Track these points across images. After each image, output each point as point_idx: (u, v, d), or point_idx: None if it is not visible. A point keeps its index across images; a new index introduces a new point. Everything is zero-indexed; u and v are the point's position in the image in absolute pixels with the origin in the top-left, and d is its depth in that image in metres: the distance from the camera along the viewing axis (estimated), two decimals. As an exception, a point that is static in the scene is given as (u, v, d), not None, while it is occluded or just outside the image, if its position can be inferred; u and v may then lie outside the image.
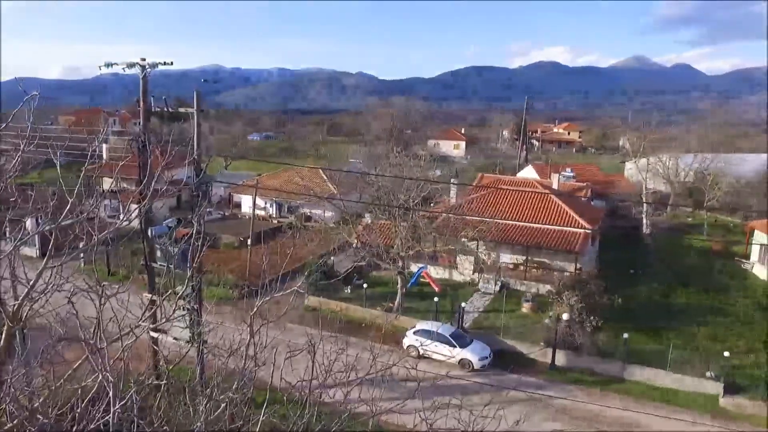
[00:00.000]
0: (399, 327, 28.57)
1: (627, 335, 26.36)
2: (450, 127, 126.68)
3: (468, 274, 36.56)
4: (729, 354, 24.55)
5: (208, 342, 10.91)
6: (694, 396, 24.00)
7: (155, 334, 15.35)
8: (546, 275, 35.46)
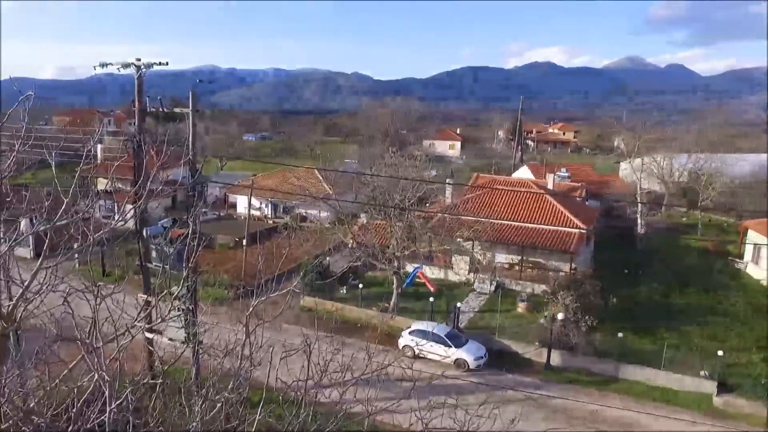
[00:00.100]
0: (395, 327, 28.58)
1: (622, 335, 26.52)
2: (445, 128, 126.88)
3: (463, 274, 36.60)
4: (723, 353, 24.69)
5: (203, 342, 10.90)
6: (689, 395, 24.13)
7: (150, 335, 15.31)
8: (541, 275, 35.54)
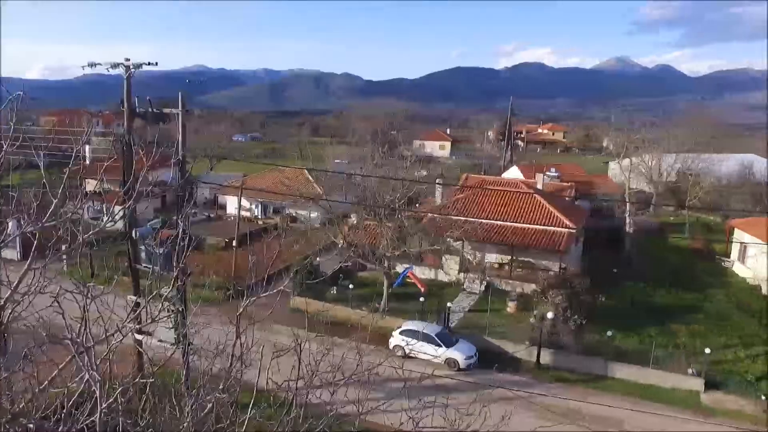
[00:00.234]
0: (385, 327, 28.60)
1: (611, 333, 26.73)
2: (435, 128, 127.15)
3: (453, 274, 36.70)
4: (710, 351, 24.95)
5: (193, 344, 10.88)
6: (677, 392, 24.36)
7: (140, 336, 15.24)
8: (531, 275, 35.70)
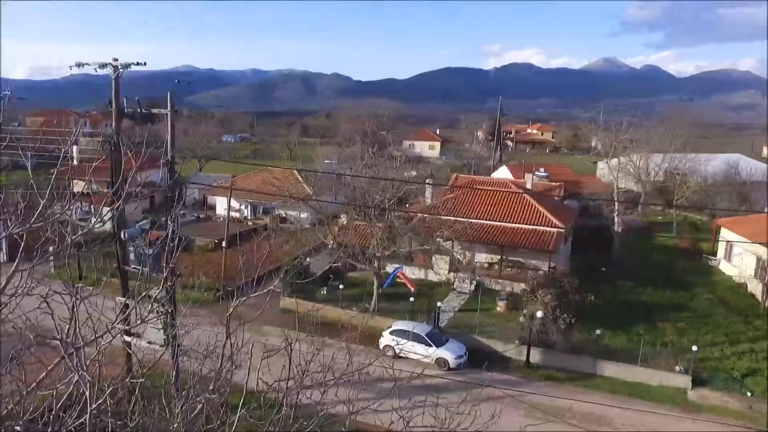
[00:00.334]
0: (375, 327, 28.61)
1: (599, 332, 26.92)
2: (425, 128, 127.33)
3: (443, 274, 36.79)
4: (697, 348, 25.22)
5: (183, 345, 10.83)
6: (664, 390, 24.59)
7: (128, 338, 15.16)
8: (520, 274, 35.88)
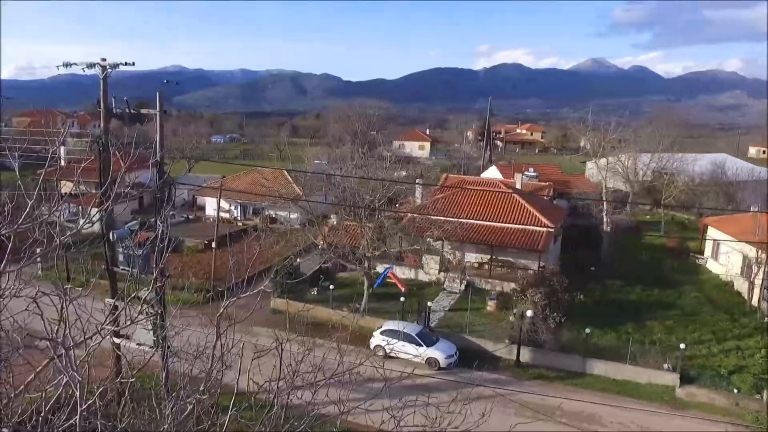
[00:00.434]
0: (366, 327, 28.62)
1: (588, 331, 27.10)
2: (415, 128, 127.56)
3: (434, 274, 36.86)
4: (684, 346, 25.46)
5: (173, 346, 10.79)
6: (652, 387, 24.82)
7: (118, 340, 15.07)
8: (510, 273, 36.03)
